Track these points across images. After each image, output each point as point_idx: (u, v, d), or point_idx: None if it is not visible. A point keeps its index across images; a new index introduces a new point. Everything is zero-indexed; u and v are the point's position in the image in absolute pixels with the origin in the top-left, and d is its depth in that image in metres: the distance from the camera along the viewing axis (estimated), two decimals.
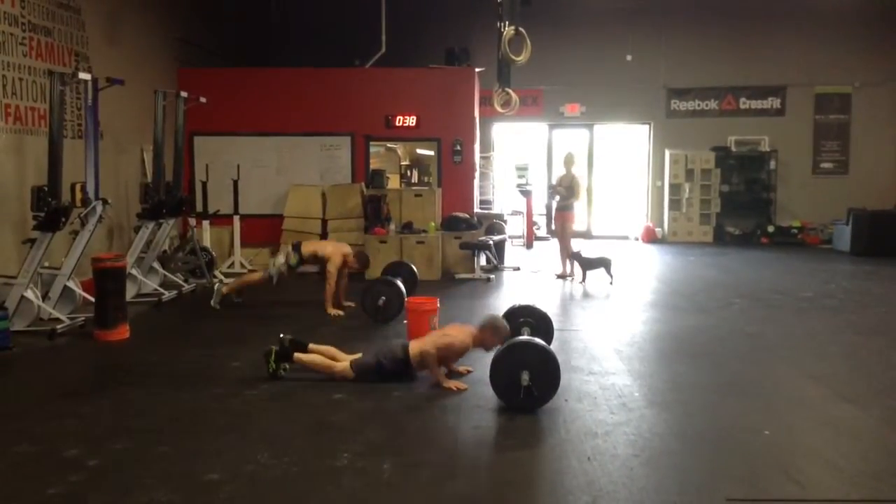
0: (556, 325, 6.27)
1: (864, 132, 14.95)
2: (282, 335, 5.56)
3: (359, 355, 5.47)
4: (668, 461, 4.08)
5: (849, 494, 3.71)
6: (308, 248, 8.14)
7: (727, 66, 14.90)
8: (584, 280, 9.94)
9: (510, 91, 9.77)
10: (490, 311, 6.88)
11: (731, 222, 15.03)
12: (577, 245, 10.48)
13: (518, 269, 11.11)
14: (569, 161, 10.53)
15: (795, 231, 14.74)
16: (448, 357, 5.46)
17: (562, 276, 10.26)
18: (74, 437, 4.31)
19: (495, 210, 14.07)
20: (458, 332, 5.45)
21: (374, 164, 11.92)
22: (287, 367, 5.44)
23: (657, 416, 4.74)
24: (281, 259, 8.09)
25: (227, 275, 10.02)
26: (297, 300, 9.08)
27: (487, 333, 5.34)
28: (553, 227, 10.69)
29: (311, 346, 5.63)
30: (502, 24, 8.80)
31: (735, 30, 14.72)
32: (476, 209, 12.18)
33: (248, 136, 11.43)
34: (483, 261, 10.50)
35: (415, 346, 5.37)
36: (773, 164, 14.90)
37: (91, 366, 6.13)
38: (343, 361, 5.45)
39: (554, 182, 10.77)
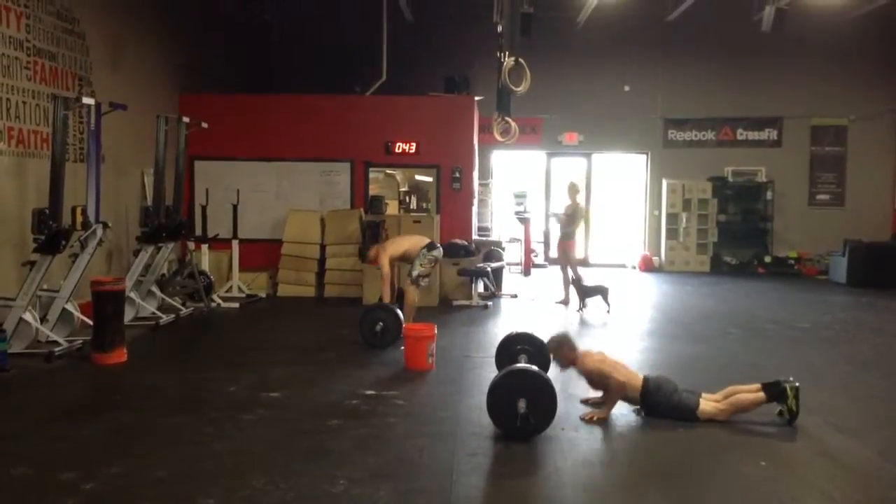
0: None
1: (859, 164, 15.06)
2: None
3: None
4: (665, 491, 4.08)
5: None
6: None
7: (724, 98, 15.05)
8: (581, 308, 9.95)
9: (509, 120, 9.86)
10: (494, 338, 6.86)
11: (728, 252, 15.07)
12: (580, 272, 10.49)
13: (515, 296, 11.13)
14: (573, 190, 10.66)
15: (792, 262, 14.78)
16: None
17: (562, 303, 10.35)
18: (71, 460, 4.31)
19: (493, 237, 14.11)
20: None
21: (373, 189, 11.96)
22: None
23: (655, 446, 4.74)
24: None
25: (224, 299, 10.03)
26: (293, 325, 9.09)
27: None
28: (557, 255, 10.83)
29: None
30: (502, 54, 8.87)
31: (732, 62, 14.88)
32: (474, 236, 12.22)
33: (248, 161, 11.48)
34: (481, 288, 10.52)
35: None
36: (769, 195, 14.99)
37: (88, 389, 6.13)
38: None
39: (560, 210, 10.90)
